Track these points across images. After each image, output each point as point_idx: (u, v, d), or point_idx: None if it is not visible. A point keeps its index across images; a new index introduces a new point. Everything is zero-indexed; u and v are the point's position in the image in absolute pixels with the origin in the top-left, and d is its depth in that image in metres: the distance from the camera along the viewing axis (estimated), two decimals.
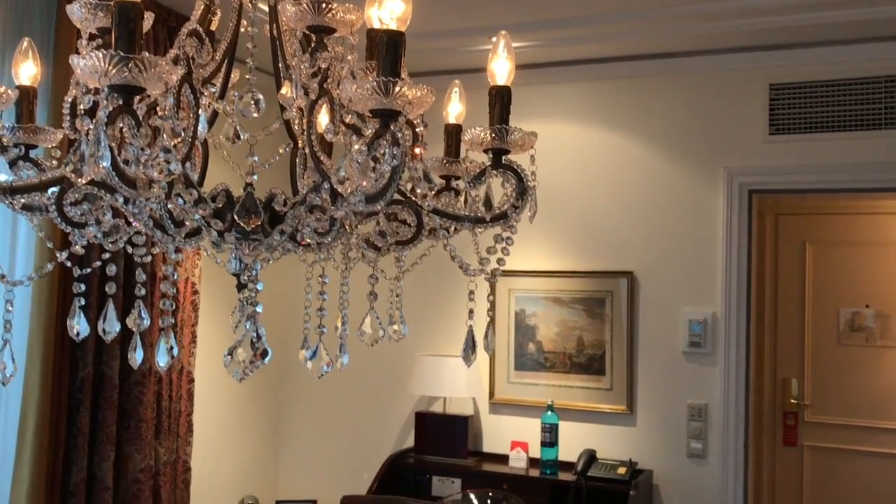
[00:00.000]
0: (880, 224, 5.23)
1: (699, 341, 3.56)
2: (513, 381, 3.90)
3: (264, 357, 0.97)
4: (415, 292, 4.09)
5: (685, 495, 3.54)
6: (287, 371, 4.37)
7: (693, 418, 3.55)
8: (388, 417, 4.14)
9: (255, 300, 1.02)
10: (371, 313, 1.21)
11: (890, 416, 5.13)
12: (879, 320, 5.18)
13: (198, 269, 3.44)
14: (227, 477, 3.96)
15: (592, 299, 3.76)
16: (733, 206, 3.54)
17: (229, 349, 1.08)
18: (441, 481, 3.72)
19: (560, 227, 3.85)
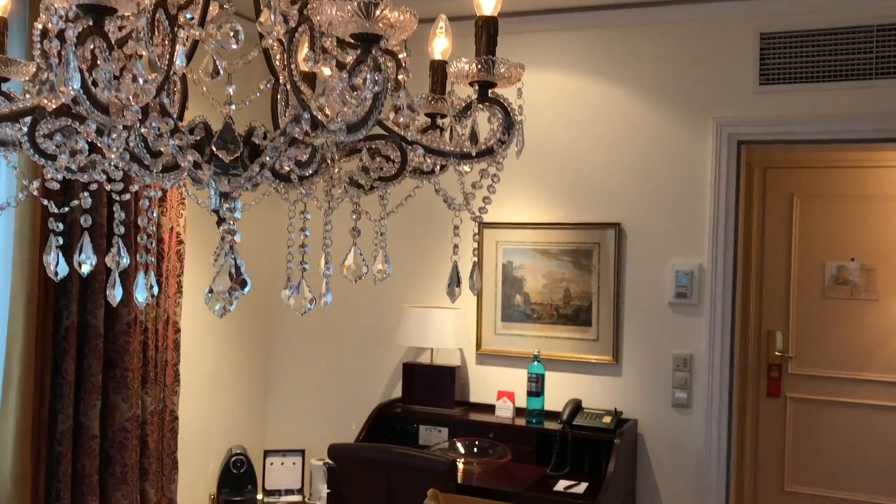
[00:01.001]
0: (867, 178, 5.23)
1: (685, 292, 3.57)
2: (500, 332, 3.91)
3: (243, 287, 0.95)
4: (402, 244, 4.09)
5: (669, 444, 3.58)
6: (274, 322, 4.37)
7: (678, 368, 3.57)
8: (376, 369, 4.16)
9: (234, 230, 1.00)
10: (354, 249, 1.18)
11: (872, 367, 5.19)
12: (864, 274, 5.21)
13: (182, 220, 3.40)
14: (215, 427, 3.97)
15: (580, 251, 3.76)
16: (722, 156, 3.52)
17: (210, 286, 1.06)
18: (428, 430, 3.75)
19: (548, 178, 3.83)
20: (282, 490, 3.92)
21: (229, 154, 1.01)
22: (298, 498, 3.92)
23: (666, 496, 3.58)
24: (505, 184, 3.98)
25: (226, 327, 4.03)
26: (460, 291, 1.14)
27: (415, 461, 2.95)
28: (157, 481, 3.29)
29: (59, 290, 2.93)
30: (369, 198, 1.35)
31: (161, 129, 0.95)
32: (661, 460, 3.59)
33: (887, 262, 5.16)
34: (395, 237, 4.09)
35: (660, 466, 3.59)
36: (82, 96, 0.82)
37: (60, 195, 2.78)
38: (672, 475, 3.57)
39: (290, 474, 3.94)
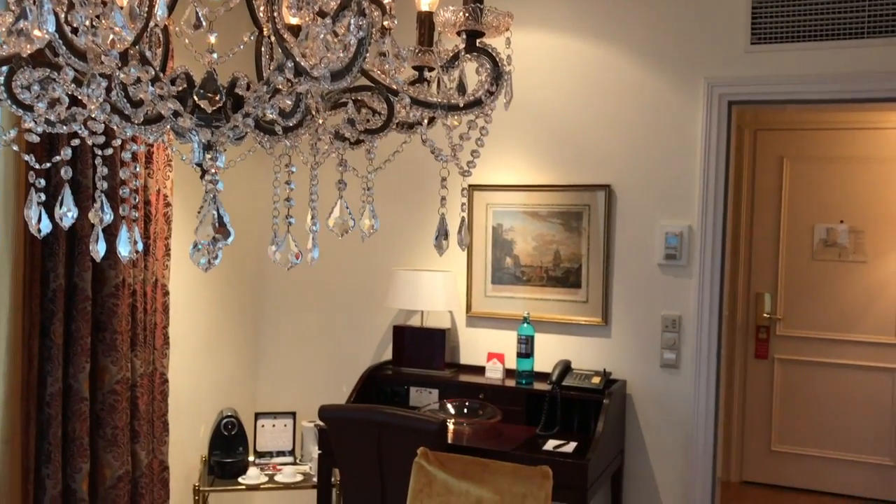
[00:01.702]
0: (857, 139, 5.23)
1: (675, 254, 3.57)
2: (490, 294, 3.91)
3: (226, 237, 0.94)
4: (392, 207, 4.07)
5: (658, 404, 3.61)
6: (264, 286, 4.36)
7: (667, 329, 3.59)
8: (366, 331, 4.16)
9: (216, 179, 0.98)
10: (340, 202, 1.17)
11: (858, 329, 5.24)
12: (853, 236, 5.23)
13: (169, 182, 3.37)
14: (206, 390, 3.98)
15: (570, 213, 3.75)
16: (712, 117, 3.50)
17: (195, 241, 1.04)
18: (419, 392, 3.77)
19: (538, 140, 3.80)
20: (273, 452, 3.94)
21: (212, 104, 0.99)
22: (290, 459, 3.94)
23: (654, 455, 3.62)
24: (495, 146, 3.97)
25: (215, 290, 4.02)
26: (448, 245, 1.13)
27: (405, 421, 2.96)
28: (147, 443, 3.30)
29: (45, 253, 2.91)
30: (356, 154, 1.33)
31: (141, 77, 0.93)
32: (650, 420, 3.62)
33: (876, 225, 5.18)
34: (385, 200, 4.07)
35: (648, 426, 3.62)
36: (58, 41, 0.80)
37: (44, 153, 2.75)
38: (660, 435, 3.61)
39: (281, 436, 3.96)
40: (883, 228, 5.16)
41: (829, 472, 5.30)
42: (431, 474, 2.19)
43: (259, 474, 3.71)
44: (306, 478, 3.74)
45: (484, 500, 2.12)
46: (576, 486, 3.01)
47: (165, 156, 3.34)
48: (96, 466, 3.11)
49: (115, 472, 3.13)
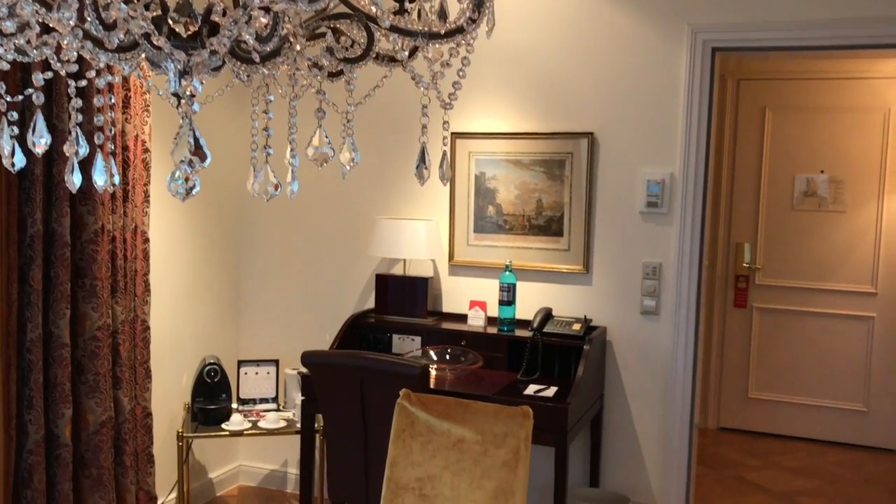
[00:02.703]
0: (838, 89, 5.23)
1: (656, 201, 3.58)
2: (472, 243, 3.92)
3: (203, 160, 0.93)
4: (374, 155, 4.04)
5: (637, 350, 3.65)
6: (246, 234, 4.34)
7: (647, 277, 3.62)
8: (349, 280, 4.16)
9: (192, 100, 0.96)
10: (319, 130, 1.16)
11: (835, 278, 5.30)
12: (832, 186, 5.27)
13: (147, 127, 3.32)
14: (188, 337, 3.98)
15: (552, 161, 3.74)
16: (696, 64, 3.48)
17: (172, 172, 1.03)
18: (401, 339, 3.79)
19: (521, 88, 3.77)
20: (256, 399, 3.97)
21: (187, 29, 0.96)
22: (273, 406, 3.97)
23: (633, 401, 3.67)
24: (477, 93, 3.93)
25: (196, 238, 4.00)
26: (428, 174, 1.12)
27: (387, 366, 2.98)
28: (130, 389, 3.31)
29: (22, 199, 2.87)
30: (336, 92, 1.32)
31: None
32: (629, 366, 3.67)
33: (855, 175, 5.22)
34: (368, 149, 4.04)
35: (627, 372, 3.67)
36: None
37: (16, 88, 2.69)
38: (639, 381, 3.66)
39: (264, 383, 3.98)
40: (862, 179, 5.19)
41: (805, 419, 5.41)
42: (413, 415, 2.21)
43: (242, 421, 3.73)
44: (290, 424, 3.77)
45: (465, 439, 2.15)
46: (556, 430, 3.06)
47: (143, 101, 3.29)
48: (79, 412, 3.12)
49: (97, 417, 3.14)
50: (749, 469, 4.86)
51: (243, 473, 4.44)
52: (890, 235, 5.15)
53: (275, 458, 4.38)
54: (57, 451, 3.01)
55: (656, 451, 3.66)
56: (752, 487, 4.58)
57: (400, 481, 2.19)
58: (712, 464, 4.92)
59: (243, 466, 4.44)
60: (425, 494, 2.16)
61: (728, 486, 4.57)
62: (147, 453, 3.43)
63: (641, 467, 3.69)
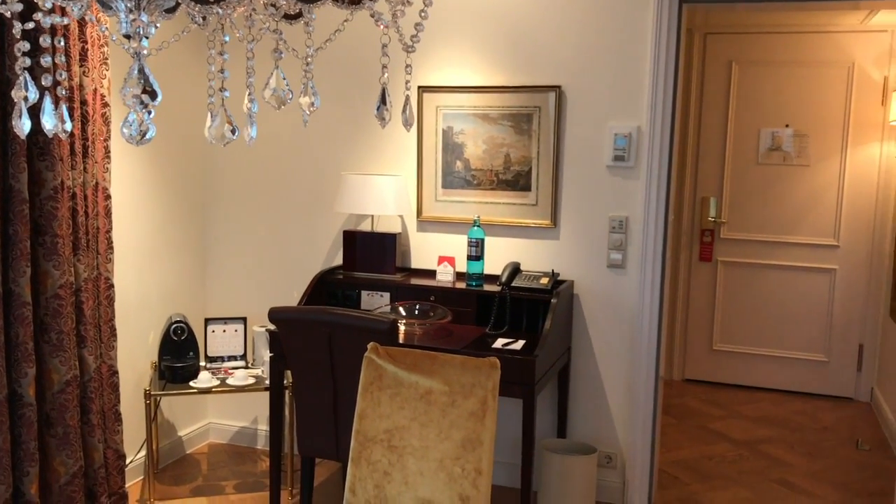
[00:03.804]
0: (804, 43, 5.25)
1: (623, 155, 3.59)
2: (440, 199, 3.90)
3: (154, 98, 0.90)
4: (339, 110, 3.99)
5: (604, 304, 3.69)
6: (211, 190, 4.28)
7: (614, 230, 3.64)
8: (316, 236, 4.14)
9: (141, 34, 0.93)
10: (276, 72, 1.13)
11: (799, 231, 5.38)
12: (797, 140, 5.32)
13: (106, 81, 3.24)
14: (154, 295, 3.94)
15: (520, 115, 3.72)
16: (663, 17, 3.46)
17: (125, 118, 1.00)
18: (370, 295, 3.78)
19: (487, 41, 3.73)
20: (224, 356, 3.95)
21: None
22: (241, 363, 3.96)
23: (600, 353, 3.72)
24: (444, 46, 3.88)
25: (160, 194, 3.93)
26: (389, 116, 1.10)
27: (355, 321, 2.98)
28: (95, 348, 3.27)
29: None
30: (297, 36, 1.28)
31: None
32: (596, 319, 3.71)
33: (820, 129, 5.27)
34: (333, 104, 3.99)
35: (594, 325, 3.71)
36: None
37: None
38: (606, 333, 3.70)
39: (232, 341, 3.96)
40: (826, 132, 5.24)
41: (767, 369, 5.53)
42: (381, 367, 2.22)
43: (210, 378, 3.72)
44: (258, 381, 3.77)
45: (433, 390, 2.16)
46: (524, 382, 3.09)
47: (101, 53, 3.20)
48: (43, 371, 3.08)
49: (62, 376, 3.10)
50: (713, 419, 4.97)
51: (213, 431, 4.44)
52: (852, 189, 5.23)
53: (244, 415, 4.38)
54: (21, 410, 2.98)
55: (622, 403, 3.72)
56: (716, 436, 4.68)
57: (368, 433, 2.20)
58: (677, 414, 5.02)
59: (213, 424, 4.44)
60: (394, 446, 2.17)
61: (692, 436, 4.67)
62: (114, 412, 3.41)
63: (608, 418, 3.75)
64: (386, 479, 2.17)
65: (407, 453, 2.16)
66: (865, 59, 5.13)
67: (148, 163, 3.83)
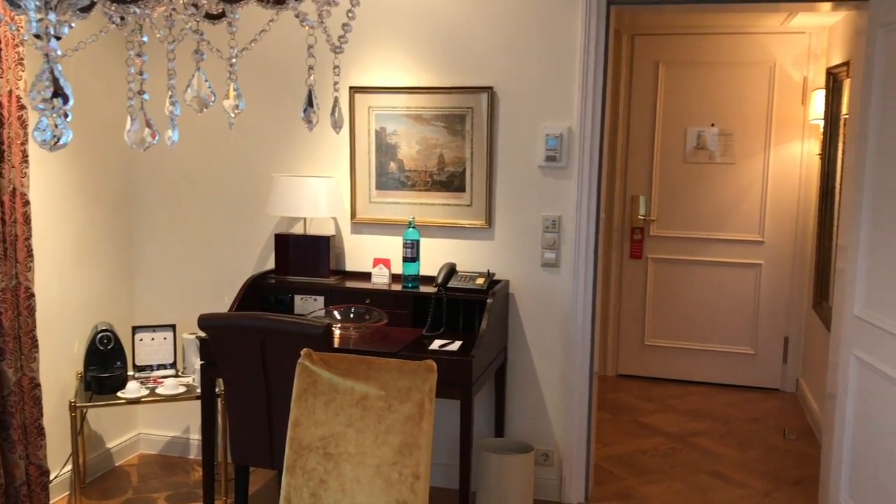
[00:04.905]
0: (728, 44, 5.39)
1: (555, 155, 3.62)
2: (374, 200, 3.87)
3: (66, 101, 0.85)
4: (270, 113, 3.92)
5: (539, 302, 3.71)
6: (136, 194, 4.15)
7: (547, 230, 3.67)
8: (247, 240, 4.06)
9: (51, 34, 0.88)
10: (198, 73, 1.09)
11: (725, 228, 5.52)
12: (722, 138, 5.46)
13: (22, 82, 3.11)
14: (77, 304, 3.80)
15: (453, 116, 3.71)
16: (591, 18, 3.51)
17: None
18: (304, 300, 3.73)
19: (419, 41, 3.72)
20: (154, 365, 3.84)
21: None
22: (171, 372, 3.85)
23: (535, 352, 3.74)
24: (376, 47, 3.85)
25: (82, 199, 3.80)
26: (317, 118, 1.08)
27: (289, 326, 2.93)
28: (15, 360, 3.14)
29: None
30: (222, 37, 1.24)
31: None
32: (532, 318, 3.73)
33: (744, 127, 5.42)
34: (264, 106, 3.91)
35: (530, 323, 3.73)
36: None
37: None
38: (541, 332, 3.73)
39: (161, 349, 3.85)
40: (750, 131, 5.40)
41: (698, 363, 5.66)
42: (316, 374, 2.18)
43: (139, 388, 3.61)
44: (189, 389, 3.67)
45: (369, 395, 2.13)
46: (461, 383, 3.09)
47: (16, 54, 3.07)
48: None
49: None
50: (646, 413, 5.06)
51: (143, 442, 4.32)
52: (776, 186, 5.39)
53: (175, 424, 4.27)
54: None
55: (558, 400, 3.75)
56: (650, 430, 4.77)
57: (303, 441, 2.16)
58: (611, 409, 5.09)
59: (143, 434, 4.31)
60: (329, 453, 2.14)
61: (627, 430, 4.75)
62: (37, 426, 3.28)
63: (544, 415, 3.78)
64: (322, 487, 2.14)
65: (343, 460, 2.13)
66: (786, 59, 5.29)
67: (69, 167, 3.69)
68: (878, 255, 3.03)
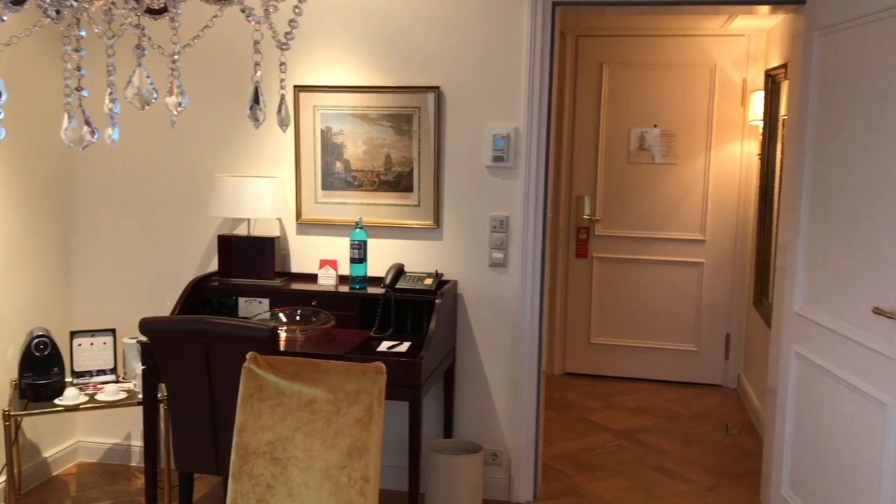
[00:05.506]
0: (670, 46, 5.48)
1: (502, 156, 3.63)
2: (320, 200, 3.82)
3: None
4: (213, 111, 3.84)
5: (487, 302, 3.72)
6: (73, 195, 4.03)
7: (495, 230, 3.67)
8: (190, 242, 3.97)
9: None
10: (139, 69, 1.05)
11: (668, 227, 5.62)
12: (664, 139, 5.54)
13: None
14: (11, 309, 3.67)
15: (400, 115, 3.69)
16: (537, 19, 3.52)
17: None
18: (248, 302, 3.66)
19: (366, 40, 3.69)
20: (93, 371, 3.73)
21: None
22: (112, 377, 3.74)
23: (484, 351, 3.75)
24: (321, 46, 3.81)
25: (16, 199, 3.67)
26: (264, 116, 1.05)
27: (233, 330, 2.87)
28: None
29: None
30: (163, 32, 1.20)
31: None
32: (480, 318, 3.73)
33: (686, 128, 5.51)
34: (207, 103, 3.84)
35: (479, 323, 3.73)
36: None
37: None
38: (490, 331, 3.73)
39: (100, 354, 3.74)
40: (692, 132, 5.49)
41: (643, 360, 5.74)
42: (262, 378, 2.14)
43: (78, 395, 3.50)
44: (130, 395, 3.57)
45: (317, 399, 2.10)
46: (410, 384, 3.07)
47: None
48: None
49: None
50: (593, 410, 5.11)
51: (82, 450, 4.19)
52: (716, 186, 5.50)
53: (116, 431, 4.16)
54: None
55: (506, 399, 3.76)
56: (596, 427, 4.82)
57: (249, 447, 2.11)
58: (559, 407, 5.13)
59: (82, 443, 4.19)
60: (277, 458, 2.10)
61: (574, 428, 4.79)
62: None
63: (493, 415, 3.78)
64: (269, 492, 2.10)
65: (291, 465, 2.10)
66: (726, 61, 5.40)
67: (1, 166, 3.56)
68: (816, 253, 3.11)
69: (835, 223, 2.96)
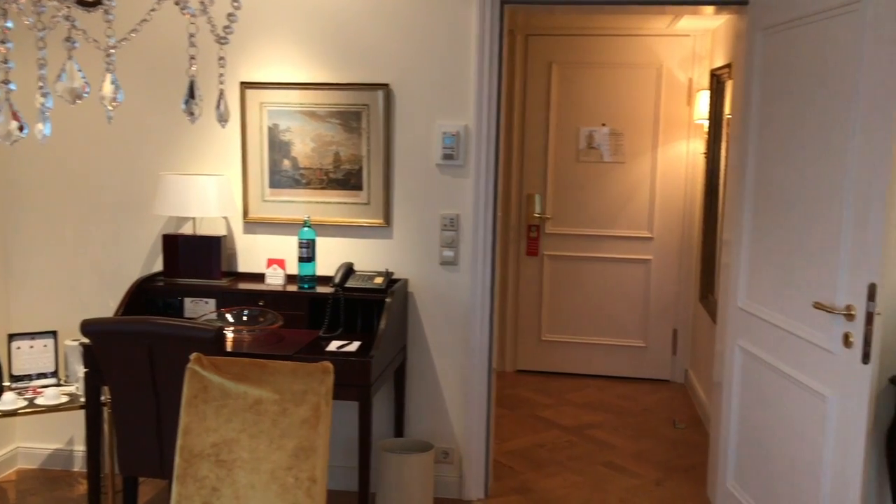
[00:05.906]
0: (617, 46, 5.55)
1: (452, 154, 3.62)
2: (268, 199, 3.77)
3: None
4: (156, 107, 3.76)
5: (438, 300, 3.71)
6: (10, 194, 3.91)
7: (446, 228, 3.67)
8: (133, 241, 3.88)
9: None
10: (70, 62, 1.02)
11: (616, 225, 5.68)
12: (613, 138, 5.60)
13: None
14: None
15: (348, 113, 3.66)
16: (486, 17, 3.52)
17: None
18: (194, 303, 3.60)
19: (313, 37, 3.65)
20: (33, 374, 3.62)
21: None
22: (53, 381, 3.64)
23: (435, 350, 3.74)
24: (268, 42, 3.75)
25: None
26: (200, 111, 1.02)
27: (178, 331, 2.81)
28: None
29: None
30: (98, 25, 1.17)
31: None
32: (431, 316, 3.72)
33: (633, 127, 5.58)
34: (148, 97, 3.75)
35: (429, 321, 3.73)
36: None
37: None
38: (441, 329, 3.73)
39: (41, 357, 3.64)
40: (639, 131, 5.56)
41: (592, 357, 5.79)
42: (207, 379, 2.10)
43: (16, 399, 3.40)
44: (72, 399, 3.48)
45: (263, 399, 2.07)
46: (359, 384, 3.05)
47: None
48: None
49: None
50: (543, 407, 5.14)
51: (22, 456, 4.07)
52: (663, 184, 5.58)
53: (58, 436, 4.04)
54: None
55: (458, 397, 3.76)
56: (547, 424, 4.85)
57: (194, 449, 2.07)
58: (510, 405, 5.15)
59: (21, 448, 4.07)
60: (222, 460, 2.06)
61: (525, 425, 4.81)
62: None
63: (444, 413, 3.78)
64: (215, 495, 2.06)
65: (237, 467, 2.06)
66: (672, 61, 5.48)
67: None
68: (759, 250, 3.17)
69: (776, 220, 3.03)
